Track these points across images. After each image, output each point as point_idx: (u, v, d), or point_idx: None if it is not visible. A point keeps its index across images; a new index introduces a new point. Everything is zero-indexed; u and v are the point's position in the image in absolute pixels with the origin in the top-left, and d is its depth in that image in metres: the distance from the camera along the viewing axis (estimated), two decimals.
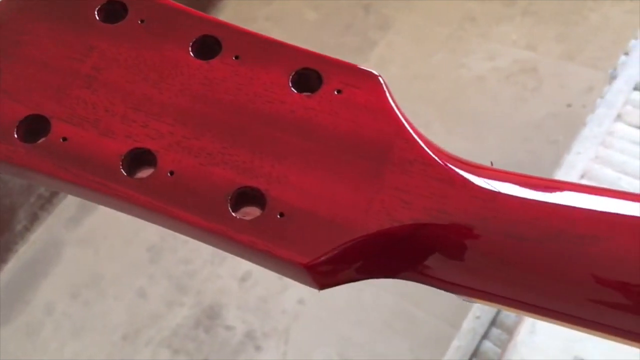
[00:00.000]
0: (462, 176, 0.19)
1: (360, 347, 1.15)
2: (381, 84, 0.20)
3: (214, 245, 0.20)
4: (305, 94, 0.20)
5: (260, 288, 1.27)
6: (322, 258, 0.18)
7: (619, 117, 0.73)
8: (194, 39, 0.21)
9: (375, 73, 0.21)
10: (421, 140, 0.20)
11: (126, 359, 1.25)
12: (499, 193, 0.18)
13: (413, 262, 0.19)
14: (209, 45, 0.21)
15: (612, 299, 0.17)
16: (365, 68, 0.21)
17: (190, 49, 0.21)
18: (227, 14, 1.70)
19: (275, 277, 1.29)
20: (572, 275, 0.17)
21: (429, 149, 0.20)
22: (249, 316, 1.24)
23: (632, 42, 0.77)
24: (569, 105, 1.26)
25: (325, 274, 0.19)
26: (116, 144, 0.19)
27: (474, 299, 0.19)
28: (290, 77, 0.20)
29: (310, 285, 0.19)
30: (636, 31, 0.80)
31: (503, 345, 0.60)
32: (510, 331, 0.60)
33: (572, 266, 0.17)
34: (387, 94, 0.20)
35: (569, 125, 0.74)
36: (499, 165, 0.20)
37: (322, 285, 0.19)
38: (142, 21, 0.21)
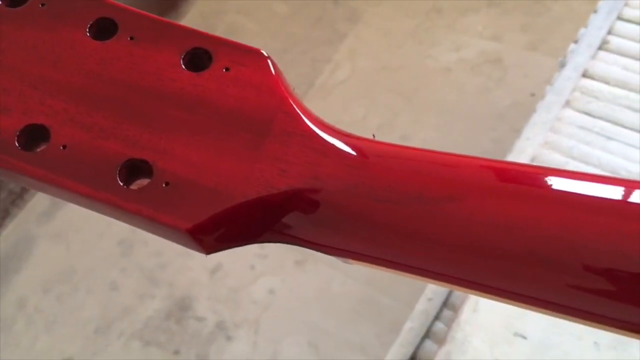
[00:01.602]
0: (335, 146, 0.20)
1: (329, 335, 1.17)
2: (268, 62, 0.22)
3: (108, 215, 0.21)
4: (196, 72, 0.22)
5: (231, 279, 1.28)
6: (203, 223, 0.19)
7: (567, 104, 0.75)
8: (92, 21, 0.22)
9: (265, 53, 0.22)
10: (303, 113, 0.21)
11: (98, 351, 1.25)
12: (368, 161, 0.20)
13: (287, 226, 0.20)
14: (105, 27, 0.22)
15: (468, 257, 0.19)
16: (253, 47, 0.22)
17: (87, 30, 0.22)
18: (198, 7, 1.70)
19: (246, 268, 1.30)
20: (430, 235, 0.19)
21: (309, 121, 0.21)
22: (219, 307, 1.25)
23: (582, 30, 0.79)
24: (532, 95, 1.29)
25: (206, 238, 0.20)
26: (12, 120, 0.20)
27: (349, 260, 0.21)
28: (182, 56, 0.22)
29: (198, 250, 0.20)
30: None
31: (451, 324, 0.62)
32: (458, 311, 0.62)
33: (429, 226, 0.19)
34: (273, 72, 0.22)
35: (532, 114, 0.77)
36: (464, 152, 0.21)
37: (207, 250, 0.20)
38: (42, 5, 0.22)
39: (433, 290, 0.68)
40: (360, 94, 1.43)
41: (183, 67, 0.22)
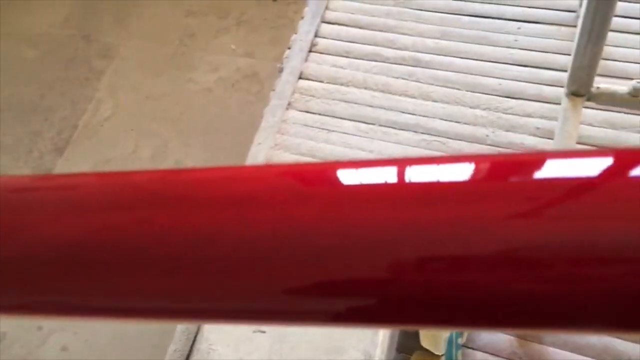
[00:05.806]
0: None
1: None
2: None
3: None
4: None
5: (18, 346, 1.18)
6: None
7: (290, 105, 0.80)
8: None
9: None
10: None
11: None
12: None
13: None
14: None
15: None
16: None
17: None
18: None
19: (32, 331, 1.20)
20: None
21: None
22: None
23: (293, 36, 0.85)
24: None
25: None
26: None
27: None
28: None
29: None
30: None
31: None
32: None
33: None
34: None
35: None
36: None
37: None
38: None
39: None
40: (127, 128, 1.40)
41: None
